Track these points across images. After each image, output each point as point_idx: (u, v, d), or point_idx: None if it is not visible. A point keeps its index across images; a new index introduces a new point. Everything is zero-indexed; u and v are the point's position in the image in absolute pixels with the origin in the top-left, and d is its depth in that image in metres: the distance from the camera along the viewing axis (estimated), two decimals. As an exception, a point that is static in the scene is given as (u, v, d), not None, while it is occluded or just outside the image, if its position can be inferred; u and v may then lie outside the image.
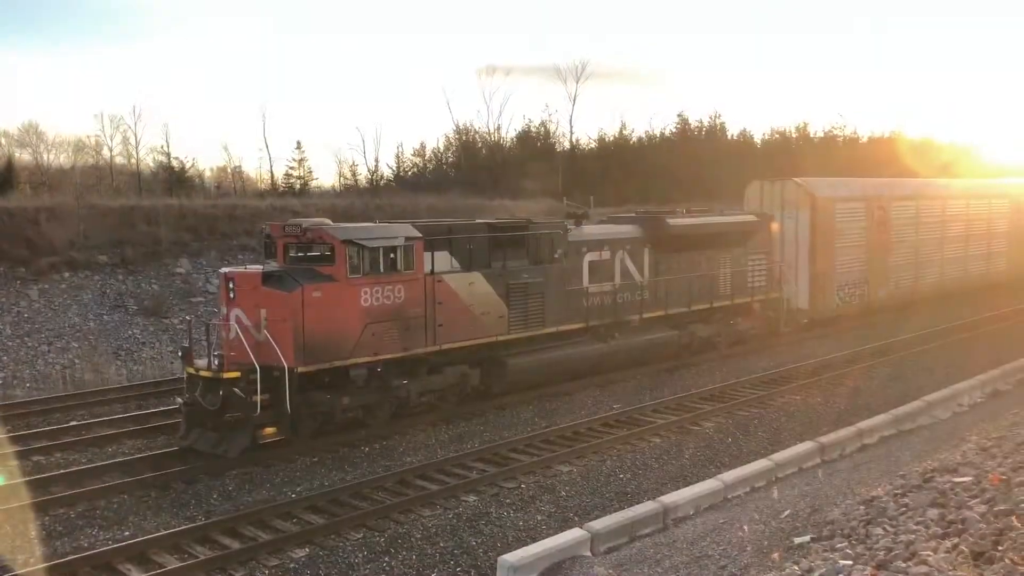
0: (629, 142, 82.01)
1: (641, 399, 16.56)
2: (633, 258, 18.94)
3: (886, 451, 12.17)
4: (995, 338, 22.31)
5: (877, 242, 26.07)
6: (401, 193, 57.99)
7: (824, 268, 24.09)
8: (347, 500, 11.64)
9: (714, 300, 20.57)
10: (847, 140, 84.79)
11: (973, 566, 5.58)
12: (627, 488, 12.10)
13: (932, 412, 14.74)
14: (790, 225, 23.72)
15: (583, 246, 17.93)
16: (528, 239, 16.85)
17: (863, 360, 19.88)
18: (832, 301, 24.59)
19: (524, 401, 16.49)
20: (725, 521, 9.18)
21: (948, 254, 29.43)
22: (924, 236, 28.19)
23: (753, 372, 18.68)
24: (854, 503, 8.03)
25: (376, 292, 13.91)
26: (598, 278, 18.11)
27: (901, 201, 27.54)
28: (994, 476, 7.91)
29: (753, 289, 21.79)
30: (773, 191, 24.53)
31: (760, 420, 15.36)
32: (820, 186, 24.95)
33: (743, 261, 21.43)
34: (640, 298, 19.00)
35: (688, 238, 19.85)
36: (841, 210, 24.83)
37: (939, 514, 6.96)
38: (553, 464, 12.99)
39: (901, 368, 19.33)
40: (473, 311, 15.47)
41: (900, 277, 27.21)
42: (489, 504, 11.46)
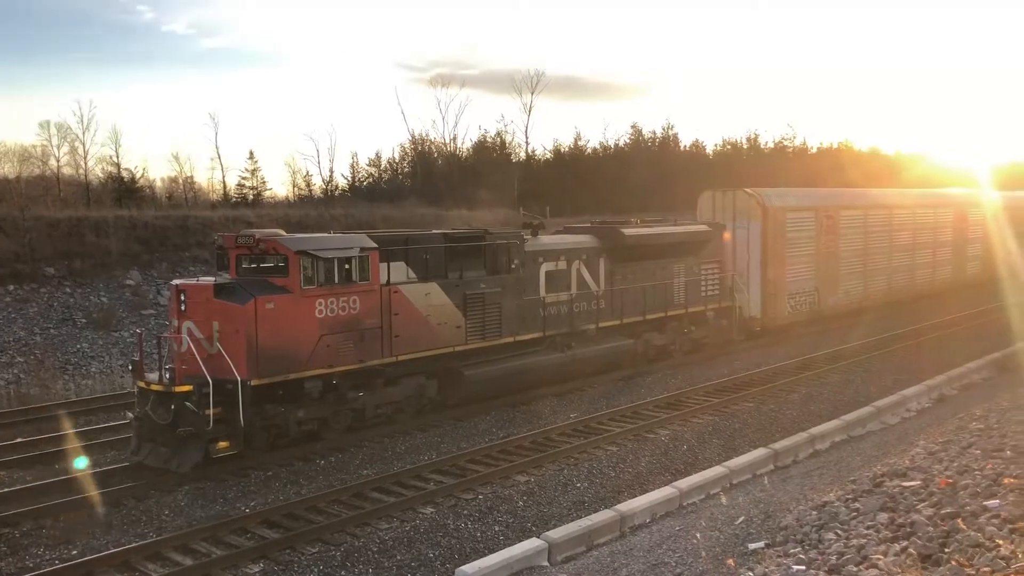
0: (584, 153, 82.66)
1: (598, 408, 16.64)
2: (589, 268, 19.06)
3: (837, 457, 12.38)
4: (941, 344, 22.85)
5: (826, 251, 26.58)
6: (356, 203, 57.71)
7: (775, 276, 24.48)
8: (302, 514, 11.50)
9: (669, 309, 20.78)
10: (797, 151, 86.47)
11: (921, 568, 5.71)
12: (584, 497, 12.14)
13: (881, 418, 15.06)
14: (742, 234, 24.07)
15: (540, 256, 18.00)
16: (485, 249, 16.86)
17: (814, 367, 20.22)
18: (783, 309, 24.99)
19: (482, 411, 16.48)
20: (681, 528, 9.26)
21: (895, 262, 30.11)
22: (872, 245, 28.80)
23: (707, 380, 18.88)
24: (807, 508, 8.15)
25: (331, 303, 13.80)
26: (555, 288, 18.19)
27: (849, 210, 28.11)
28: (941, 480, 8.10)
29: (706, 298, 22.06)
30: (725, 201, 24.87)
31: (715, 427, 15.52)
32: (771, 196, 25.36)
33: (696, 270, 21.69)
34: (596, 307, 19.12)
35: (643, 248, 20.05)
36: (791, 219, 25.27)
37: (889, 518, 7.11)
38: (511, 474, 12.98)
39: (851, 374, 19.69)
40: (430, 322, 15.43)
41: (849, 285, 27.75)
42: (446, 516, 11.41)
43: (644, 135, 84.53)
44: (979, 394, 15.99)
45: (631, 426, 15.40)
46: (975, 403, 14.11)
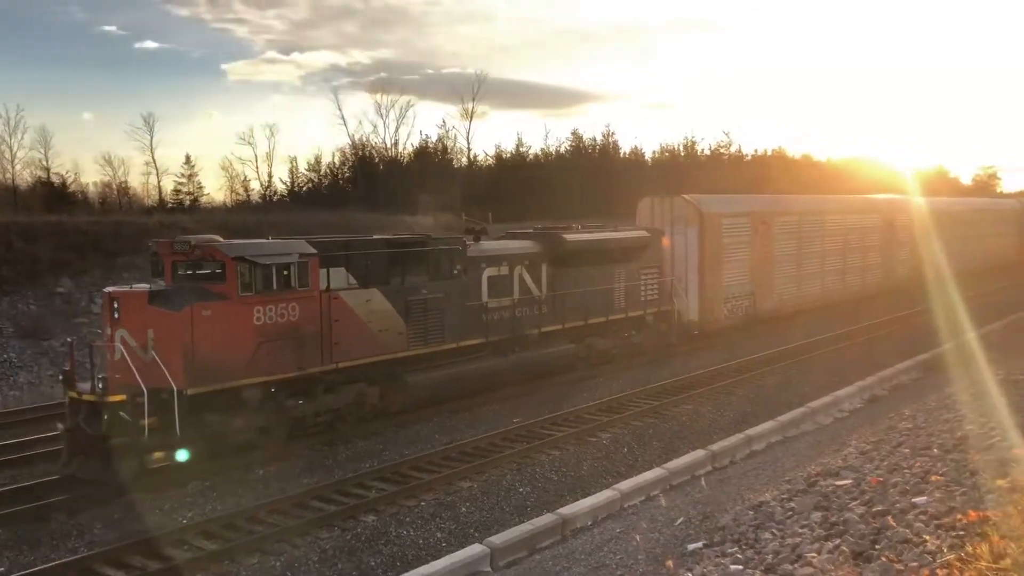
0: (526, 159, 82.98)
1: (540, 412, 16.70)
2: (531, 273, 19.14)
3: (773, 457, 12.64)
4: (871, 346, 23.50)
5: (762, 256, 27.13)
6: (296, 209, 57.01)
7: (712, 281, 24.90)
8: (241, 524, 11.31)
9: (610, 314, 20.98)
10: (732, 158, 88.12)
11: (853, 565, 5.86)
12: (527, 502, 12.18)
13: (815, 418, 15.43)
14: (680, 240, 24.43)
15: (482, 262, 18.01)
16: (427, 255, 16.81)
17: (751, 369, 20.61)
18: (720, 313, 25.42)
19: (425, 418, 16.41)
20: (622, 530, 9.35)
21: (828, 266, 30.87)
22: (805, 250, 29.49)
23: (648, 383, 19.10)
24: (744, 509, 8.31)
25: (269, 310, 13.61)
26: (497, 293, 18.21)
27: (783, 216, 28.75)
28: (872, 478, 8.34)
29: (646, 302, 22.33)
30: (663, 207, 25.23)
31: (655, 430, 15.71)
32: (708, 202, 25.80)
33: (636, 275, 21.94)
34: (539, 312, 19.20)
35: (584, 253, 20.21)
36: (728, 225, 25.73)
37: (822, 516, 7.29)
38: (453, 480, 12.95)
39: (787, 376, 20.13)
40: (371, 328, 15.32)
41: (784, 289, 28.36)
42: (388, 523, 11.33)
43: (585, 142, 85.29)
44: (908, 394, 16.50)
45: (573, 430, 15.50)
46: (904, 403, 14.56)
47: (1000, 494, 6.50)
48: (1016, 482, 6.72)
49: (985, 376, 13.68)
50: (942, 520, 6.34)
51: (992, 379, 13.24)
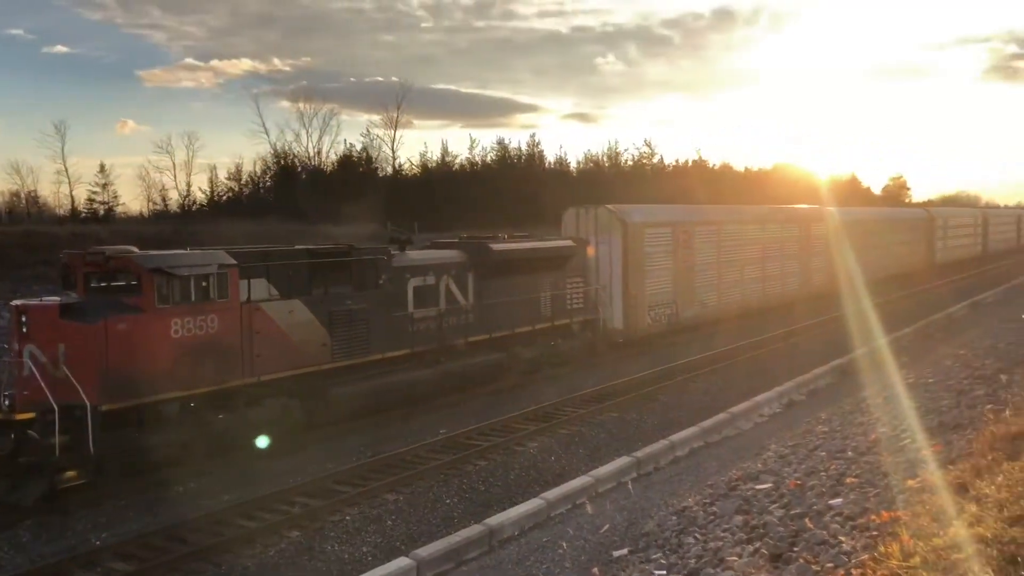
0: (452, 168, 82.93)
1: (467, 423, 16.66)
2: (458, 283, 19.11)
3: (696, 462, 12.87)
4: (790, 352, 24.16)
5: (683, 265, 27.64)
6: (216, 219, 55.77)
7: (636, 290, 25.26)
8: (159, 544, 10.96)
9: (536, 323, 21.08)
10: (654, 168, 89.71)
11: (772, 567, 6.00)
12: (454, 513, 12.12)
13: (736, 423, 15.76)
14: (604, 249, 24.72)
15: (407, 271, 17.90)
16: (350, 265, 16.63)
17: (674, 376, 20.96)
18: (644, 321, 25.80)
19: (350, 430, 16.18)
20: (549, 539, 9.39)
21: (747, 275, 31.62)
22: (726, 259, 30.16)
23: (574, 391, 19.23)
24: (667, 514, 8.43)
25: (188, 323, 13.26)
26: (423, 303, 18.12)
27: (704, 226, 29.35)
28: (791, 481, 8.56)
29: (572, 311, 22.52)
30: (588, 217, 25.51)
31: (581, 438, 15.83)
32: (631, 212, 26.19)
33: (562, 284, 22.11)
34: (465, 322, 19.17)
35: (510, 263, 20.27)
36: (650, 235, 26.16)
37: (743, 520, 7.45)
38: (379, 493, 12.81)
39: (709, 382, 20.53)
40: (293, 340, 15.06)
41: (705, 297, 28.94)
42: (313, 538, 11.14)
43: (510, 152, 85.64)
44: (824, 399, 17.00)
45: (500, 439, 15.50)
46: (821, 407, 15.01)
47: (910, 494, 6.75)
48: (925, 482, 6.99)
49: (895, 380, 14.21)
50: (857, 521, 6.55)
51: (902, 383, 13.76)
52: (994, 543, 4.97)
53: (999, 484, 6.12)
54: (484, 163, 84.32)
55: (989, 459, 6.96)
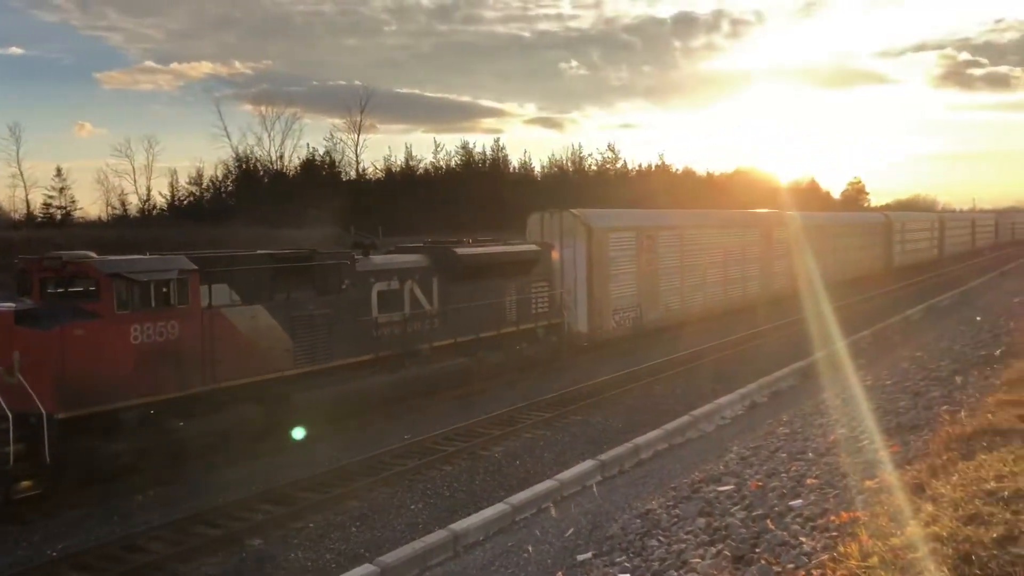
0: (416, 173, 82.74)
1: (432, 428, 16.61)
2: (422, 288, 19.05)
3: (660, 465, 12.95)
4: (751, 355, 24.42)
5: (647, 269, 27.85)
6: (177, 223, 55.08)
7: (600, 294, 25.40)
8: (119, 554, 10.78)
9: (501, 327, 21.09)
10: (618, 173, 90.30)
11: (734, 569, 6.06)
12: (418, 519, 12.07)
13: (699, 426, 15.88)
14: (569, 254, 24.83)
15: (371, 276, 17.81)
16: (313, 270, 16.50)
17: (639, 379, 21.09)
18: (609, 325, 25.94)
19: (315, 437, 16.02)
20: (514, 544, 9.39)
21: (710, 279, 31.95)
22: (688, 263, 30.44)
23: (539, 395, 19.27)
24: (631, 517, 8.48)
25: (147, 329, 13.07)
26: (387, 308, 18.03)
27: (667, 231, 29.61)
28: (753, 483, 8.65)
29: (537, 315, 22.57)
30: (552, 222, 25.60)
31: (547, 441, 15.86)
32: (595, 217, 26.33)
33: (527, 289, 22.15)
34: (430, 327, 19.11)
35: (475, 267, 20.26)
36: (614, 239, 26.32)
37: (706, 522, 7.51)
38: (343, 500, 12.72)
39: (672, 385, 20.69)
40: (255, 346, 14.91)
41: (669, 301, 29.18)
42: (276, 546, 11.03)
43: (475, 156, 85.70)
44: (786, 400, 17.21)
45: (465, 444, 15.48)
46: (782, 409, 15.19)
47: (868, 495, 6.86)
48: (883, 483, 7.11)
49: (854, 382, 14.43)
50: (817, 522, 6.64)
51: (860, 385, 13.98)
52: (949, 542, 5.07)
53: (954, 484, 6.25)
54: (449, 167, 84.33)
55: (945, 459, 7.09)
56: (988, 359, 13.81)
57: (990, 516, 5.38)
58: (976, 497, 5.77)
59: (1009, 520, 5.24)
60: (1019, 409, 8.37)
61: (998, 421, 7.95)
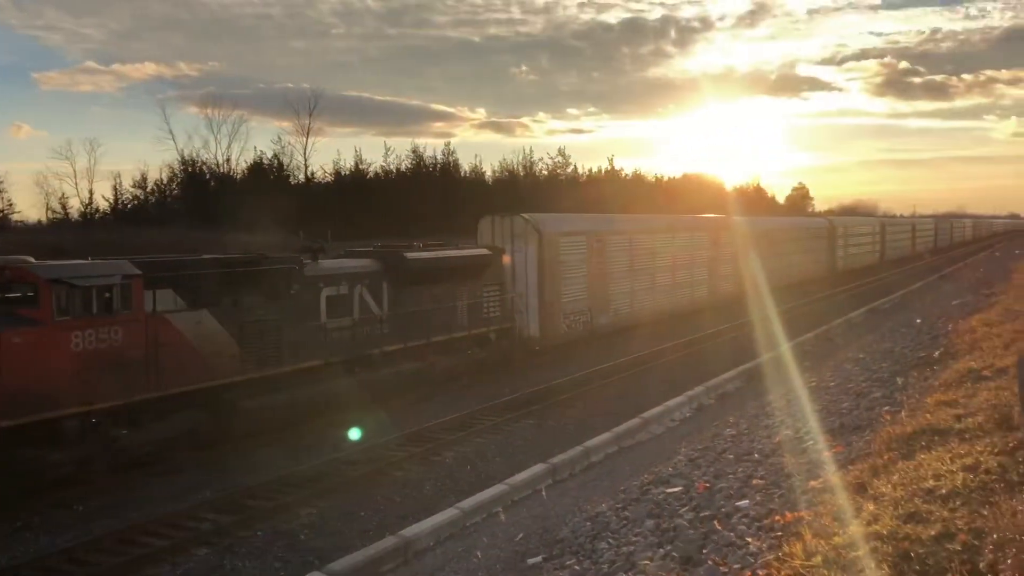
0: (366, 176, 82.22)
1: (382, 434, 16.50)
2: (372, 292, 18.93)
3: (610, 468, 13.05)
4: (699, 357, 24.73)
5: (597, 273, 28.05)
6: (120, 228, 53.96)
7: (551, 298, 25.51)
8: (57, 566, 10.50)
9: (452, 332, 21.04)
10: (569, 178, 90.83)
11: (682, 570, 6.14)
12: (369, 525, 11.98)
13: (648, 428, 16.03)
14: (520, 258, 24.90)
15: (320, 281, 17.64)
16: (261, 274, 16.29)
17: (589, 382, 21.22)
18: (560, 328, 26.06)
19: (263, 444, 15.80)
20: (464, 549, 9.38)
21: (659, 282, 32.30)
22: (638, 267, 30.74)
23: (491, 400, 19.27)
24: (582, 520, 8.53)
25: (89, 335, 12.78)
26: (337, 313, 17.88)
27: (616, 235, 29.87)
28: (700, 484, 8.77)
29: (488, 319, 22.58)
30: (503, 226, 25.65)
31: (498, 446, 15.87)
32: (546, 221, 26.45)
33: (478, 293, 22.15)
34: (380, 332, 18.99)
35: (426, 271, 20.20)
36: (565, 244, 26.47)
37: (655, 524, 7.59)
38: (293, 508, 12.57)
39: (622, 388, 20.85)
40: (201, 352, 14.66)
41: (619, 304, 29.42)
42: (223, 556, 10.86)
43: (425, 160, 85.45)
44: (732, 402, 17.45)
45: (416, 450, 15.41)
46: (729, 411, 15.41)
47: (812, 495, 7.00)
48: (826, 483, 7.26)
49: (798, 384, 14.71)
50: (763, 522, 6.75)
51: (804, 386, 14.26)
52: (889, 540, 5.19)
53: (895, 483, 6.40)
54: (399, 171, 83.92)
55: (886, 459, 7.27)
56: (927, 360, 14.17)
57: (928, 514, 5.53)
58: (915, 496, 5.92)
59: (946, 518, 5.40)
60: (956, 409, 8.61)
61: (936, 421, 8.16)
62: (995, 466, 6.23)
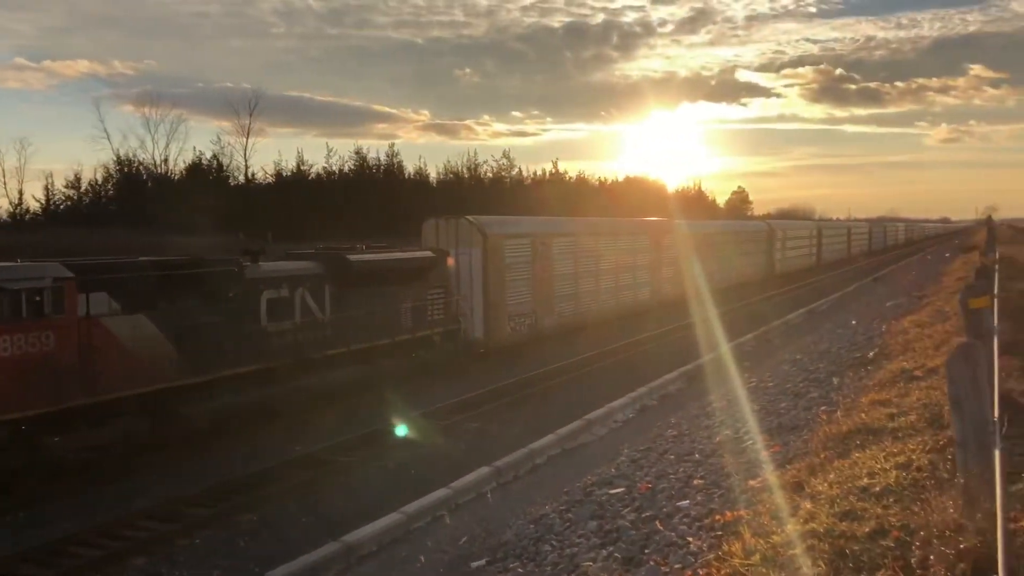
0: (308, 177, 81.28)
1: (325, 438, 16.28)
2: (314, 295, 18.69)
3: (554, 470, 13.10)
4: (642, 359, 24.98)
5: (542, 275, 28.16)
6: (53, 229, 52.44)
7: (496, 300, 25.52)
8: (-14, 581, 10.16)
9: (397, 335, 20.89)
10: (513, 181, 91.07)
11: (625, 571, 6.19)
12: (310, 532, 11.81)
13: (592, 430, 16.14)
14: (464, 260, 24.87)
15: (260, 283, 17.37)
16: (199, 277, 15.97)
17: (534, 384, 21.25)
18: (505, 331, 26.09)
19: (203, 450, 15.49)
20: (408, 553, 9.33)
21: (603, 285, 32.57)
22: (582, 269, 30.95)
23: (436, 403, 19.16)
24: (526, 523, 8.55)
25: (18, 340, 12.38)
26: (277, 316, 17.62)
27: (561, 237, 30.04)
28: (642, 485, 8.85)
29: (433, 322, 22.49)
30: (448, 228, 25.60)
31: (443, 450, 15.78)
32: (491, 224, 26.47)
33: (422, 296, 22.04)
34: (323, 335, 18.76)
35: (369, 274, 20.03)
36: (510, 246, 26.52)
37: (598, 525, 7.64)
38: (233, 514, 12.34)
39: (567, 390, 20.92)
40: (138, 356, 14.32)
41: (563, 307, 29.59)
42: (160, 565, 10.61)
43: (369, 162, 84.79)
44: (674, 403, 17.67)
45: (360, 455, 15.26)
46: (671, 412, 15.61)
47: (752, 494, 7.12)
48: (765, 482, 7.38)
49: (738, 384, 14.96)
50: (703, 522, 6.84)
51: (744, 387, 14.51)
52: (825, 537, 5.30)
53: (831, 481, 6.54)
54: (342, 173, 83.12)
55: (822, 458, 7.42)
56: (862, 361, 14.53)
57: (863, 511, 5.66)
58: (850, 494, 6.06)
59: (880, 515, 5.53)
60: (890, 408, 8.83)
61: (871, 420, 8.36)
62: (926, 463, 6.40)
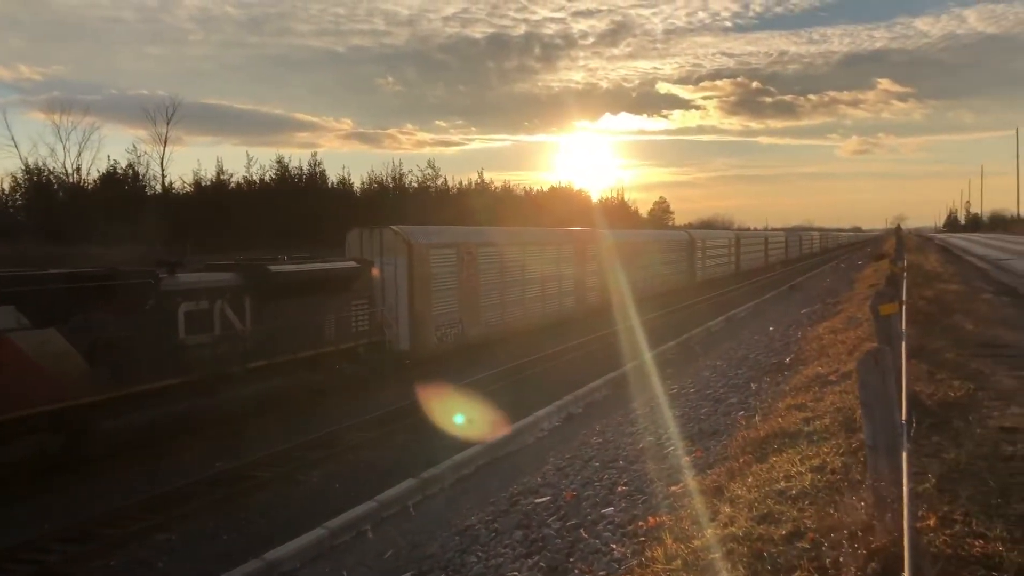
0: (227, 187, 79.65)
1: (246, 454, 15.94)
2: (234, 307, 18.30)
3: (480, 480, 13.09)
4: (567, 366, 25.18)
5: (468, 285, 28.16)
6: (-45, 240, 50.10)
7: (422, 310, 25.41)
8: None
9: (320, 347, 20.60)
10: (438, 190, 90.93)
11: (549, 579, 6.21)
12: (232, 549, 11.53)
13: (519, 439, 16.18)
14: (390, 270, 24.70)
15: (178, 295, 16.92)
16: (113, 289, 15.49)
17: (461, 395, 21.17)
18: (431, 341, 25.98)
19: (120, 467, 14.97)
20: (331, 570, 9.19)
21: (529, 294, 32.75)
22: (508, 279, 31.07)
23: (361, 416, 18.94)
24: (451, 535, 8.51)
25: (-82, 358, 11.80)
26: (196, 329, 17.18)
27: (486, 247, 30.09)
28: (568, 493, 8.91)
29: (358, 334, 22.24)
30: (373, 238, 25.39)
31: (368, 463, 15.61)
32: (416, 233, 26.36)
33: (347, 307, 21.79)
34: (243, 348, 18.37)
35: (291, 285, 19.70)
36: (435, 256, 26.45)
37: (523, 535, 7.66)
38: (151, 534, 11.96)
39: (494, 399, 20.86)
40: (48, 372, 13.78)
41: (490, 316, 29.63)
42: (72, 589, 10.21)
43: (291, 171, 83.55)
44: (599, 411, 17.84)
45: (282, 470, 14.97)
46: (595, 419, 15.76)
47: (674, 499, 7.23)
48: (686, 487, 7.51)
49: (660, 391, 15.20)
50: (627, 528, 6.92)
51: (666, 394, 14.75)
52: (744, 541, 5.42)
53: (749, 485, 6.69)
54: (263, 182, 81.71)
55: (741, 462, 7.58)
56: (779, 366, 14.92)
57: (780, 514, 5.80)
58: (768, 497, 6.20)
59: (796, 517, 5.67)
60: (805, 412, 9.09)
61: (787, 424, 8.59)
62: (840, 466, 6.60)
